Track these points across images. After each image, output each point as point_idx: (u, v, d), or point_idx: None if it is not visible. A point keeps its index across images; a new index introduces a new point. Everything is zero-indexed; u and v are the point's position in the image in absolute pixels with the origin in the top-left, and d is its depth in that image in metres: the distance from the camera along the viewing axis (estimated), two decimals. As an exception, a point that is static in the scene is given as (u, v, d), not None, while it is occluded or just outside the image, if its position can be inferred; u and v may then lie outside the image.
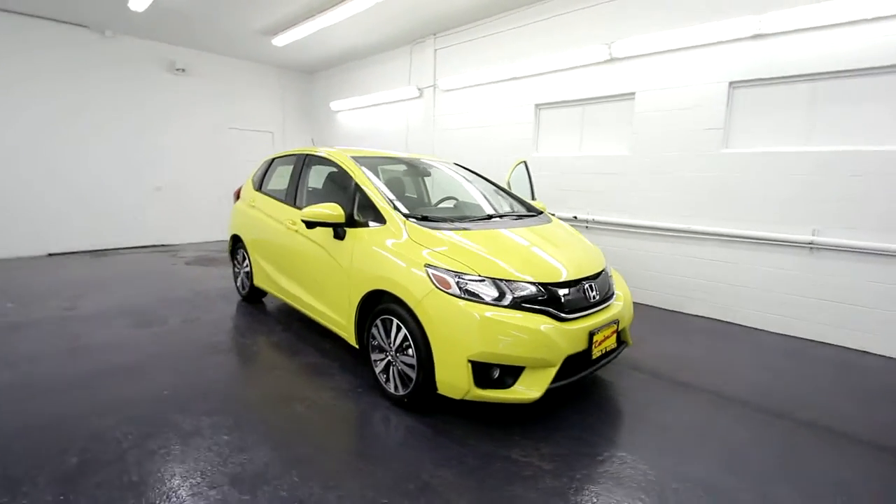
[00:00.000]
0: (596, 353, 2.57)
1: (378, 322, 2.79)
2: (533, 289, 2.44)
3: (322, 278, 3.31)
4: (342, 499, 1.94)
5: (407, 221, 2.81)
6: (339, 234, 3.10)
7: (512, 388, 2.37)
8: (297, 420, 2.58)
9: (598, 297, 2.70)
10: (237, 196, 5.00)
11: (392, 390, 2.76)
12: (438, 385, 2.46)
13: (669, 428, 2.61)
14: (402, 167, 4.05)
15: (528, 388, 2.36)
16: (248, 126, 9.02)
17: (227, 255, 5.49)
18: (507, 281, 2.43)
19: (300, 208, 3.68)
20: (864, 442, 2.53)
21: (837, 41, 3.74)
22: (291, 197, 3.90)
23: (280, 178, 4.46)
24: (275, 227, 3.97)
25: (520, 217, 3.37)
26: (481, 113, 6.47)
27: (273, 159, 4.57)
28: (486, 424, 2.56)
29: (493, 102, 6.29)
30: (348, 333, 3.12)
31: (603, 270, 2.90)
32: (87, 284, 5.30)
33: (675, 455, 2.34)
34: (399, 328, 2.63)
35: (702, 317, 4.66)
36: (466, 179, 3.92)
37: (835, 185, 3.85)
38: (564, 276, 2.58)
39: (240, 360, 3.42)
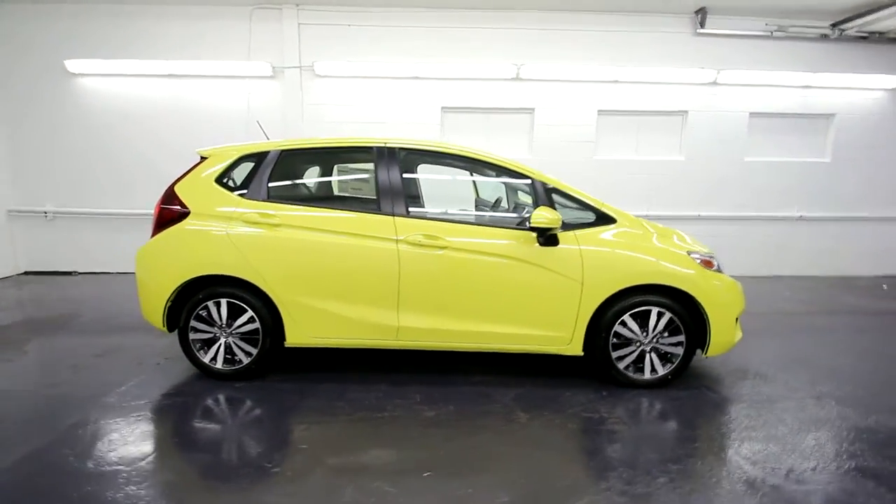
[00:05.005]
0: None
1: (625, 318, 2.89)
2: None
3: (521, 295, 2.89)
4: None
5: (641, 218, 3.00)
6: (551, 240, 2.84)
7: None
8: (637, 439, 2.45)
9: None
10: (169, 215, 2.95)
11: (648, 376, 2.96)
12: (712, 347, 2.93)
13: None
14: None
15: (740, 330, 3.22)
16: None
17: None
18: (710, 255, 3.16)
19: (416, 216, 2.97)
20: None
21: (649, 93, 6.16)
22: (401, 205, 2.93)
23: (322, 180, 3.14)
24: (373, 248, 2.87)
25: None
26: (378, 108, 5.99)
27: (282, 151, 3.04)
28: (699, 378, 3.23)
29: (394, 99, 5.98)
30: (566, 346, 2.94)
31: None
32: None
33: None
34: (661, 315, 2.88)
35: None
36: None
37: (651, 179, 6.36)
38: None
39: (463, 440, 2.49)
